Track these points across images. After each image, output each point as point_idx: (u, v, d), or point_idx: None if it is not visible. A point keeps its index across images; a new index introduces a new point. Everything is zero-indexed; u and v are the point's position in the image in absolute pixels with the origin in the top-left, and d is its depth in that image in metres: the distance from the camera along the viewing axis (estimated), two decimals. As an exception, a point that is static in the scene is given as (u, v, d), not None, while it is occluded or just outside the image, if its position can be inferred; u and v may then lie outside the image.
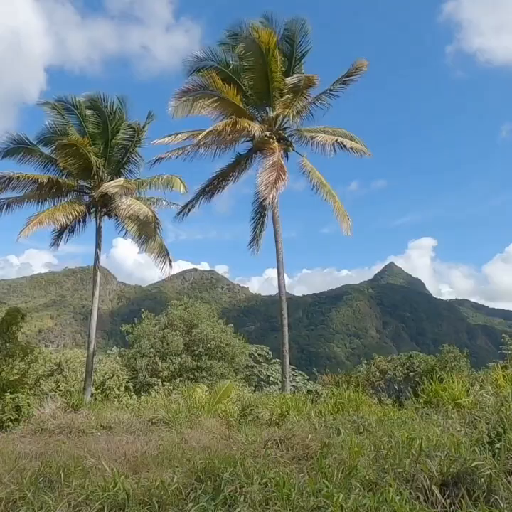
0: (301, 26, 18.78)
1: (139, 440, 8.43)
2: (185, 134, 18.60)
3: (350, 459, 5.55)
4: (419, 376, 28.45)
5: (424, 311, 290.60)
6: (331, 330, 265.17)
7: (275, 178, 16.77)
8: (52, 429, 9.82)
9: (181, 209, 21.50)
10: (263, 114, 20.01)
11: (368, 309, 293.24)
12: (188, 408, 11.54)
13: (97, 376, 23.74)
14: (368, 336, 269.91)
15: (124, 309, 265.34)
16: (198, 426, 10.05)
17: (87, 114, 21.25)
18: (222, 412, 11.99)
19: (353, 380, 30.40)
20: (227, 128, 17.23)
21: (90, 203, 21.45)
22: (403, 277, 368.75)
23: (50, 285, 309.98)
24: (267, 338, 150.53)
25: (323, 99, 19.46)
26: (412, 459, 5.27)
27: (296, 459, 6.41)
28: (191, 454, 6.81)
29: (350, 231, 19.32)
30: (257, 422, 10.46)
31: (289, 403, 11.36)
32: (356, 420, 8.53)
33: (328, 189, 19.22)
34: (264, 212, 21.32)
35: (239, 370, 30.90)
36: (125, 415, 11.20)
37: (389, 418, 8.99)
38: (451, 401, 9.95)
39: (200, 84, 17.86)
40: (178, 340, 27.31)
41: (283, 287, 19.17)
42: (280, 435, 7.60)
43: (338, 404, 11.20)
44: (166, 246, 22.07)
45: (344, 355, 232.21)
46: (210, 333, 28.07)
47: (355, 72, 18.88)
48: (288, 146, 19.97)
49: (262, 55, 17.86)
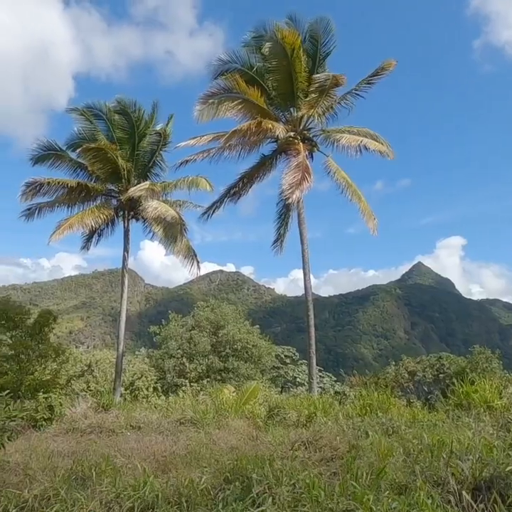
0: (325, 26, 18.68)
1: (168, 440, 8.52)
2: (210, 136, 18.75)
3: (379, 461, 5.48)
4: (450, 378, 27.88)
5: (454, 311, 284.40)
6: (358, 331, 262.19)
7: (300, 179, 16.73)
8: (83, 428, 10.02)
9: (206, 210, 21.66)
10: (287, 115, 19.99)
11: (396, 310, 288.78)
12: (216, 409, 11.61)
13: (126, 377, 24.13)
14: (396, 337, 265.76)
15: (151, 311, 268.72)
16: (225, 426, 10.09)
17: (115, 120, 21.67)
18: (249, 413, 12.00)
19: (381, 381, 30.02)
20: (252, 128, 17.28)
21: (118, 206, 21.86)
22: (432, 277, 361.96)
23: (80, 287, 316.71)
24: (293, 339, 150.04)
25: (347, 98, 19.30)
26: (443, 462, 5.18)
27: (324, 460, 6.37)
28: (219, 455, 6.86)
29: (376, 231, 19.12)
30: (284, 423, 10.44)
31: (317, 404, 11.31)
32: (385, 422, 8.43)
33: (354, 189, 19.06)
34: (289, 213, 21.30)
35: (265, 371, 30.88)
36: (154, 415, 11.34)
37: (418, 420, 8.85)
38: (482, 403, 9.73)
39: (225, 87, 17.97)
40: (205, 342, 27.48)
41: (309, 288, 19.08)
42: (308, 437, 7.57)
43: (366, 405, 11.08)
44: (192, 247, 22.26)
45: (372, 357, 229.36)
46: (237, 334, 28.14)
47: (381, 71, 18.68)
48: (313, 146, 19.88)
49: (287, 55, 17.84)
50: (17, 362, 19.18)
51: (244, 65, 19.39)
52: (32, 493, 5.15)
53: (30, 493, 5.15)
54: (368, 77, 18.83)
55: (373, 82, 18.98)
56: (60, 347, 21.70)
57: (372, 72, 18.79)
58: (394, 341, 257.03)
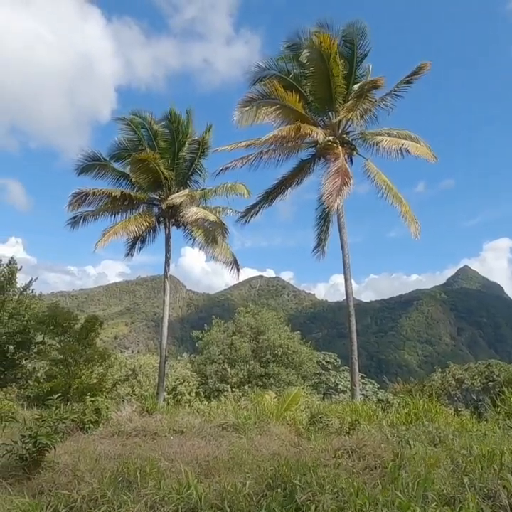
0: (360, 29, 18.56)
1: (210, 445, 8.58)
2: (248, 141, 18.88)
3: (426, 471, 5.32)
4: (500, 386, 26.75)
5: (503, 316, 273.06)
6: (401, 337, 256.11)
7: (340, 185, 16.58)
8: (128, 431, 10.22)
9: (244, 213, 21.73)
10: (326, 119, 19.89)
11: (441, 315, 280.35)
12: (257, 414, 11.59)
13: (169, 381, 24.51)
14: (442, 343, 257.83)
15: (193, 316, 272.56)
16: (267, 432, 10.05)
17: (157, 129, 22.22)
18: (290, 419, 11.92)
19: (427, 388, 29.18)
20: (292, 133, 17.32)
21: (159, 214, 22.37)
22: (478, 281, 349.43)
23: (124, 294, 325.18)
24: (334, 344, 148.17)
25: (386, 100, 19.03)
26: (494, 474, 4.97)
27: (368, 469, 6.24)
28: (261, 461, 6.84)
29: (419, 234, 18.70)
30: (327, 430, 10.30)
31: (359, 412, 11.11)
32: (431, 431, 8.17)
33: (395, 192, 18.72)
34: (329, 218, 21.15)
35: (307, 377, 30.62)
36: (196, 420, 11.44)
37: (467, 430, 8.53)
38: (536, 413, 9.28)
39: (262, 93, 18.12)
40: (246, 347, 27.58)
41: (350, 293, 18.84)
42: (351, 444, 7.44)
43: (411, 414, 10.79)
44: (233, 252, 22.47)
45: (416, 363, 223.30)
46: (277, 339, 28.08)
47: (418, 72, 18.35)
48: (352, 150, 19.69)
49: (324, 60, 17.80)
50: (66, 366, 19.88)
51: (281, 71, 19.49)
52: (80, 494, 5.30)
53: (78, 494, 5.30)
54: (405, 77, 18.52)
55: (412, 82, 18.65)
56: (105, 352, 22.34)
57: (410, 73, 18.48)
58: (439, 347, 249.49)
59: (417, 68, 18.34)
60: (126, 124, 21.81)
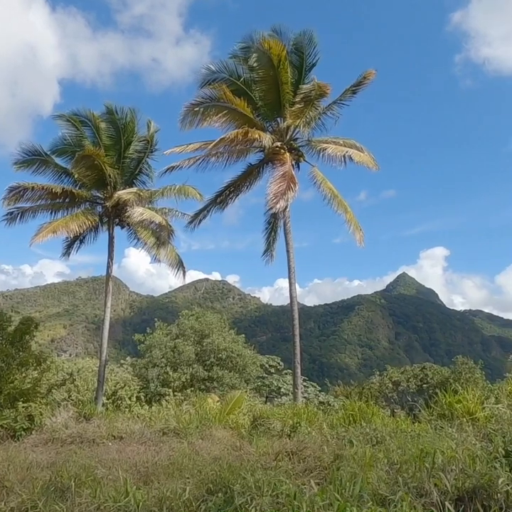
0: (310, 38, 18.90)
1: (150, 450, 8.41)
2: (197, 144, 18.75)
3: (363, 471, 5.47)
4: (433, 388, 28.04)
5: (437, 321, 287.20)
6: (342, 340, 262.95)
7: (285, 189, 16.81)
8: (63, 438, 9.83)
9: (193, 218, 21.58)
10: (274, 125, 20.11)
11: (381, 320, 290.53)
12: (199, 419, 11.49)
13: (109, 386, 23.78)
14: (381, 347, 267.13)
15: (135, 319, 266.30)
16: (209, 436, 9.99)
17: (101, 126, 21.56)
18: (233, 423, 11.91)
19: (366, 391, 30.08)
20: (239, 137, 17.35)
21: (103, 213, 21.70)
22: (416, 288, 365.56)
23: (62, 294, 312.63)
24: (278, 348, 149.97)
25: (333, 108, 19.52)
26: (426, 473, 5.18)
27: (307, 471, 6.34)
28: (202, 465, 6.78)
29: (363, 242, 19.24)
30: (269, 433, 10.37)
31: (301, 414, 11.27)
32: (369, 432, 8.42)
33: (340, 200, 19.20)
34: (277, 223, 21.37)
35: (250, 380, 30.68)
36: (136, 425, 11.18)
37: (402, 431, 8.86)
38: (465, 414, 9.78)
39: (211, 97, 18.06)
40: (190, 351, 27.27)
41: (294, 297, 19.10)
42: (292, 447, 7.53)
43: (350, 415, 11.07)
44: (178, 255, 22.18)
45: (356, 366, 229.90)
46: (222, 343, 27.98)
47: (363, 81, 18.94)
48: (299, 156, 20.02)
49: (273, 66, 18.01)
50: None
51: (231, 75, 19.50)
52: (9, 506, 5.02)
53: (6, 506, 5.02)
54: (351, 86, 19.07)
55: (357, 92, 19.24)
56: (41, 355, 21.33)
57: (354, 82, 19.04)
58: (378, 351, 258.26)
59: (361, 77, 18.93)
60: (66, 121, 21.01)
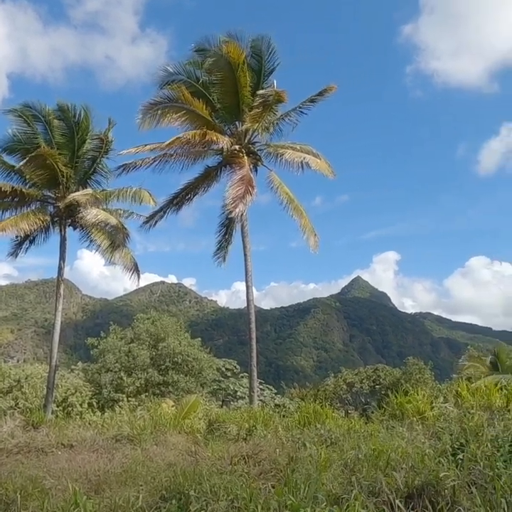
0: (268, 44, 19.10)
1: (102, 458, 8.18)
2: (154, 144, 18.49)
3: (317, 473, 5.53)
4: (385, 389, 28.85)
5: (390, 324, 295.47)
6: (298, 343, 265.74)
7: (243, 193, 16.85)
8: (9, 448, 9.41)
9: (148, 219, 21.20)
10: (233, 128, 20.13)
11: (335, 322, 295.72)
12: (154, 424, 11.30)
13: (59, 393, 22.98)
14: (336, 349, 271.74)
15: (88, 323, 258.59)
16: (163, 442, 9.83)
17: (54, 123, 20.84)
18: (188, 427, 11.79)
19: (321, 393, 30.58)
20: (196, 138, 17.25)
21: (55, 213, 20.97)
22: (369, 291, 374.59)
23: (10, 298, 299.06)
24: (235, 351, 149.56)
25: (291, 115, 19.78)
26: (378, 471, 5.31)
27: (263, 474, 6.34)
28: (156, 472, 6.66)
29: (317, 247, 19.47)
30: (224, 437, 10.34)
31: (257, 418, 11.28)
32: (323, 434, 8.54)
33: (296, 205, 19.42)
34: (232, 225, 21.34)
35: (206, 384, 30.50)
36: (88, 433, 10.87)
37: (355, 431, 9.04)
38: (415, 413, 10.10)
39: (169, 97, 17.90)
40: (145, 355, 26.80)
41: (251, 300, 19.14)
42: (247, 450, 7.53)
43: (305, 417, 11.19)
44: (134, 257, 21.76)
45: (311, 369, 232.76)
46: (177, 347, 27.67)
47: (324, 93, 19.34)
48: (257, 160, 20.13)
49: (232, 69, 18.04)
50: None
51: (189, 77, 19.38)
52: None
53: None
54: (311, 96, 19.43)
55: (316, 102, 19.60)
56: (-14, 361, 20.37)
57: (316, 93, 19.42)
58: (333, 353, 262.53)
59: (323, 90, 19.32)
60: (17, 116, 20.19)
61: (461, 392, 10.86)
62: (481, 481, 4.78)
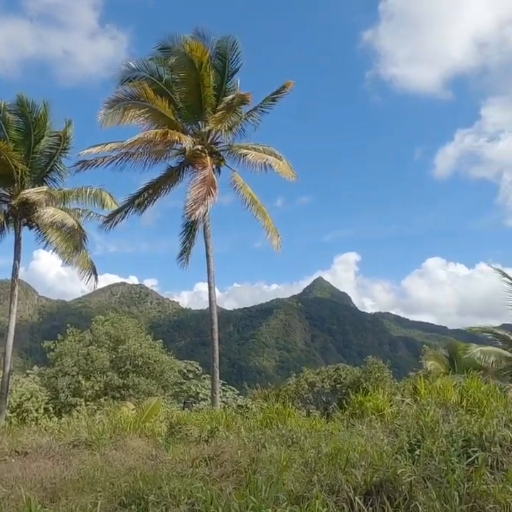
0: (232, 44, 19.12)
1: (58, 465, 7.92)
2: (115, 144, 18.12)
3: (279, 473, 5.55)
4: (346, 388, 29.38)
5: (350, 323, 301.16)
6: (261, 344, 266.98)
7: (205, 194, 16.79)
8: (-41, 457, 8.98)
9: (108, 219, 20.73)
10: (195, 127, 20.01)
11: (297, 323, 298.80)
12: (113, 428, 11.04)
13: (13, 398, 22.17)
14: (297, 349, 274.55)
15: (45, 325, 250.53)
16: (123, 447, 9.62)
17: (9, 118, 20.10)
18: (149, 431, 11.59)
19: (283, 393, 30.76)
20: (158, 137, 17.06)
21: (9, 212, 20.23)
22: (330, 291, 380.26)
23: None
24: (197, 353, 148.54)
25: (254, 115, 19.87)
26: (338, 469, 5.38)
27: (224, 476, 6.31)
28: (115, 477, 6.50)
29: (280, 247, 19.68)
30: (186, 439, 10.22)
31: (219, 419, 11.22)
32: (285, 434, 8.58)
33: (259, 205, 19.51)
34: (195, 226, 21.20)
35: (168, 387, 30.19)
36: (43, 439, 10.50)
37: (316, 430, 9.13)
38: (375, 411, 10.30)
39: (131, 94, 17.61)
40: (104, 357, 26.24)
41: (214, 301, 19.07)
42: (209, 452, 7.48)
43: (267, 418, 11.22)
44: (91, 259, 21.32)
45: (274, 369, 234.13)
46: (138, 349, 27.25)
47: (283, 90, 19.58)
48: (220, 160, 20.08)
49: (195, 69, 17.94)
50: None
51: (152, 74, 19.13)
52: None
53: None
54: (271, 95, 19.65)
55: (277, 100, 19.83)
56: None
57: (274, 91, 19.62)
58: (295, 353, 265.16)
59: (281, 87, 19.50)
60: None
61: (419, 390, 11.17)
62: (436, 475, 4.92)
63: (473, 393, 9.26)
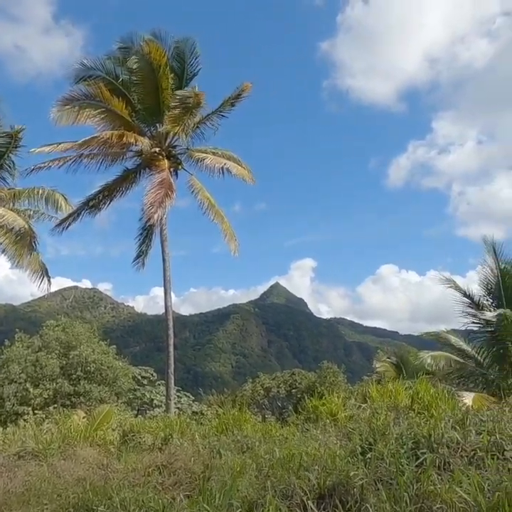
0: (192, 47, 19.09)
1: (2, 478, 7.56)
2: (69, 143, 17.63)
3: (232, 479, 5.52)
4: (301, 392, 29.67)
5: (306, 329, 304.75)
6: (217, 349, 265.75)
7: (162, 197, 16.61)
8: None
9: (61, 221, 20.12)
10: (153, 130, 19.78)
11: (254, 328, 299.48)
12: (62, 438, 10.66)
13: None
14: (254, 355, 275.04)
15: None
16: (72, 456, 9.29)
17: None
18: (100, 439, 11.27)
19: (239, 398, 30.69)
20: (114, 139, 16.72)
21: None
22: (287, 297, 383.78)
23: None
24: (152, 359, 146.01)
25: (213, 119, 19.87)
26: (292, 474, 5.40)
27: (178, 484, 6.21)
28: (63, 489, 6.27)
29: (237, 252, 19.72)
30: (139, 448, 10.00)
31: (173, 426, 11.06)
32: (240, 440, 8.55)
33: (217, 209, 19.49)
34: (152, 229, 20.89)
35: (121, 393, 29.46)
36: (-14, 450, 10.00)
37: (271, 435, 9.15)
38: (329, 415, 10.45)
39: (87, 94, 17.22)
40: (54, 364, 25.32)
41: (170, 306, 18.85)
42: (162, 460, 7.35)
43: (222, 424, 11.16)
44: (43, 262, 20.53)
45: (230, 375, 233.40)
46: (90, 355, 26.47)
47: (241, 93, 19.66)
48: (178, 164, 19.93)
49: (153, 71, 17.77)
50: None
51: (108, 74, 18.77)
52: None
53: None
54: (229, 98, 19.65)
55: (235, 104, 19.89)
56: None
57: (232, 95, 19.65)
58: (252, 359, 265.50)
59: (239, 90, 19.56)
60: None
61: (371, 394, 11.42)
62: (387, 477, 5.03)
63: (423, 396, 9.55)
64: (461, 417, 6.63)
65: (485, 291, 15.11)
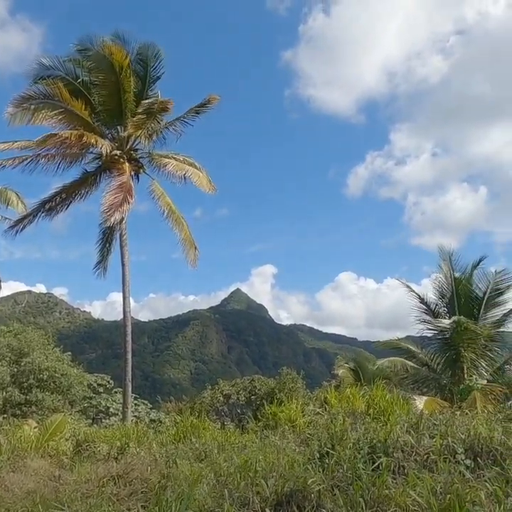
0: (155, 51, 18.95)
1: None
2: (26, 142, 17.08)
3: (190, 488, 5.45)
4: (261, 399, 29.64)
5: (266, 335, 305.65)
6: (176, 356, 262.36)
7: (121, 200, 16.34)
8: None
9: (15, 223, 19.44)
10: (114, 132, 19.46)
11: (214, 334, 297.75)
12: (12, 449, 10.23)
13: None
14: (214, 361, 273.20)
15: None
16: (22, 468, 8.92)
17: None
18: (53, 450, 10.89)
19: (198, 406, 30.38)
20: (73, 139, 16.30)
21: None
22: (248, 303, 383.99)
23: None
24: (109, 366, 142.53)
25: (176, 125, 19.73)
26: (249, 482, 5.38)
27: (133, 494, 6.07)
28: (11, 502, 6.01)
29: (196, 263, 19.50)
30: (94, 458, 9.73)
31: (130, 435, 10.84)
32: (198, 448, 8.46)
33: (177, 216, 19.31)
34: (112, 234, 20.51)
35: (75, 402, 28.56)
36: None
37: (230, 443, 9.10)
38: (288, 422, 10.50)
39: (44, 93, 16.74)
40: (4, 372, 24.29)
41: (128, 312, 18.50)
42: (118, 470, 7.16)
43: (180, 432, 11.02)
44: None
45: (189, 381, 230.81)
46: (44, 362, 25.56)
47: (207, 104, 19.63)
48: (139, 167, 19.67)
49: (115, 72, 17.49)
50: None
51: (68, 74, 18.34)
52: None
53: None
54: (195, 107, 19.59)
55: (200, 113, 19.82)
56: None
57: (199, 104, 19.60)
58: (211, 365, 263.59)
59: (205, 100, 19.55)
60: None
61: (330, 400, 11.56)
62: (344, 483, 5.09)
63: (379, 402, 9.77)
64: (416, 422, 6.80)
65: (439, 298, 15.65)
